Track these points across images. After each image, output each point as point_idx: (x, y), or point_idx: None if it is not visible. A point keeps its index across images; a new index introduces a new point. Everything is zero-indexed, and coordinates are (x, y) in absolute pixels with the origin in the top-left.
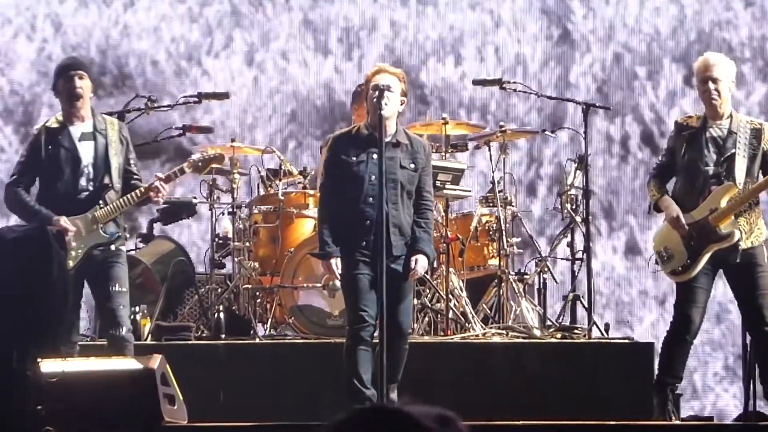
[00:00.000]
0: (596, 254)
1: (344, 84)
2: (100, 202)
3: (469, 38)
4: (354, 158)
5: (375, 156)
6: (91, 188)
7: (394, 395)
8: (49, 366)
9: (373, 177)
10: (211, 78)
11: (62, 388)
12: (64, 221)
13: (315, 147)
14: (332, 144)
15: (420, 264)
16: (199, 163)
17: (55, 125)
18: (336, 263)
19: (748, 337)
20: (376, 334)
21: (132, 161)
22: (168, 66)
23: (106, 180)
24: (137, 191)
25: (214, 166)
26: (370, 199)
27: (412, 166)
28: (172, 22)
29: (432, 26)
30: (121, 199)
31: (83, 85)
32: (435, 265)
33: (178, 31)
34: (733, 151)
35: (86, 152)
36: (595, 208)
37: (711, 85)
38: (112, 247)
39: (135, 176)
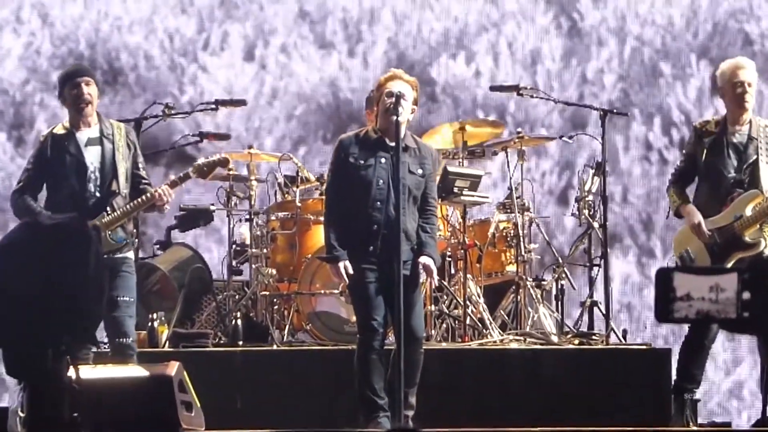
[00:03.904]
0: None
1: (350, 82)
2: (108, 208)
3: (476, 31)
4: (362, 161)
5: (383, 160)
6: (98, 194)
7: (412, 400)
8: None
9: (381, 181)
10: (210, 75)
11: (88, 395)
12: None
13: (325, 152)
14: (339, 146)
15: (432, 267)
16: (204, 168)
17: (62, 131)
18: (345, 266)
19: None
20: (387, 341)
21: (141, 165)
22: (162, 61)
23: (114, 186)
24: (143, 197)
25: (231, 171)
26: (378, 203)
27: (420, 171)
28: (163, 13)
29: (436, 18)
30: (127, 205)
31: (91, 91)
32: (453, 271)
33: (171, 23)
34: (756, 157)
35: (93, 158)
36: (632, 220)
37: (747, 88)
38: (119, 254)
39: (144, 180)
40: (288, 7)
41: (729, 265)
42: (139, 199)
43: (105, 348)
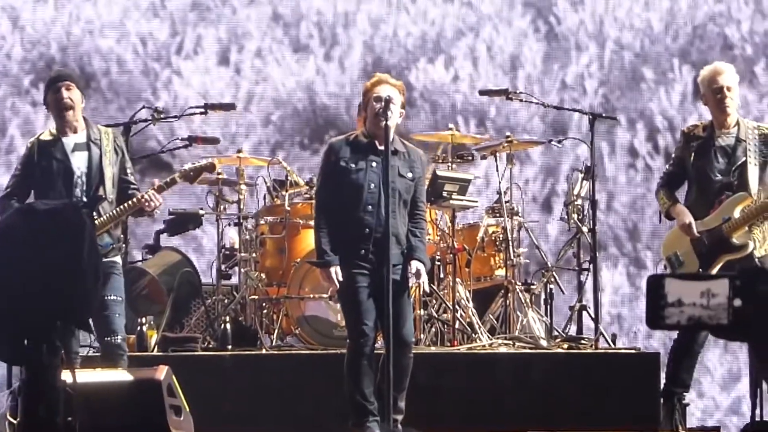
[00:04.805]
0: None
1: (326, 86)
2: (94, 213)
3: (453, 35)
4: (353, 165)
5: (374, 164)
6: (85, 199)
7: (402, 404)
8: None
9: (372, 185)
10: (184, 80)
11: (78, 399)
12: None
13: (303, 157)
14: (330, 149)
15: (422, 272)
16: (191, 173)
17: (48, 137)
18: (336, 271)
19: None
20: (377, 345)
21: (128, 170)
22: (135, 65)
23: (100, 191)
24: (129, 202)
25: (220, 176)
26: (369, 207)
27: (410, 175)
28: (135, 17)
29: (412, 21)
30: (114, 210)
31: (72, 96)
32: (442, 275)
33: (144, 27)
34: (744, 159)
35: (79, 163)
36: (618, 228)
37: (726, 93)
38: (106, 259)
39: (132, 185)
40: (261, 10)
41: (717, 268)
42: (126, 204)
43: (95, 352)
